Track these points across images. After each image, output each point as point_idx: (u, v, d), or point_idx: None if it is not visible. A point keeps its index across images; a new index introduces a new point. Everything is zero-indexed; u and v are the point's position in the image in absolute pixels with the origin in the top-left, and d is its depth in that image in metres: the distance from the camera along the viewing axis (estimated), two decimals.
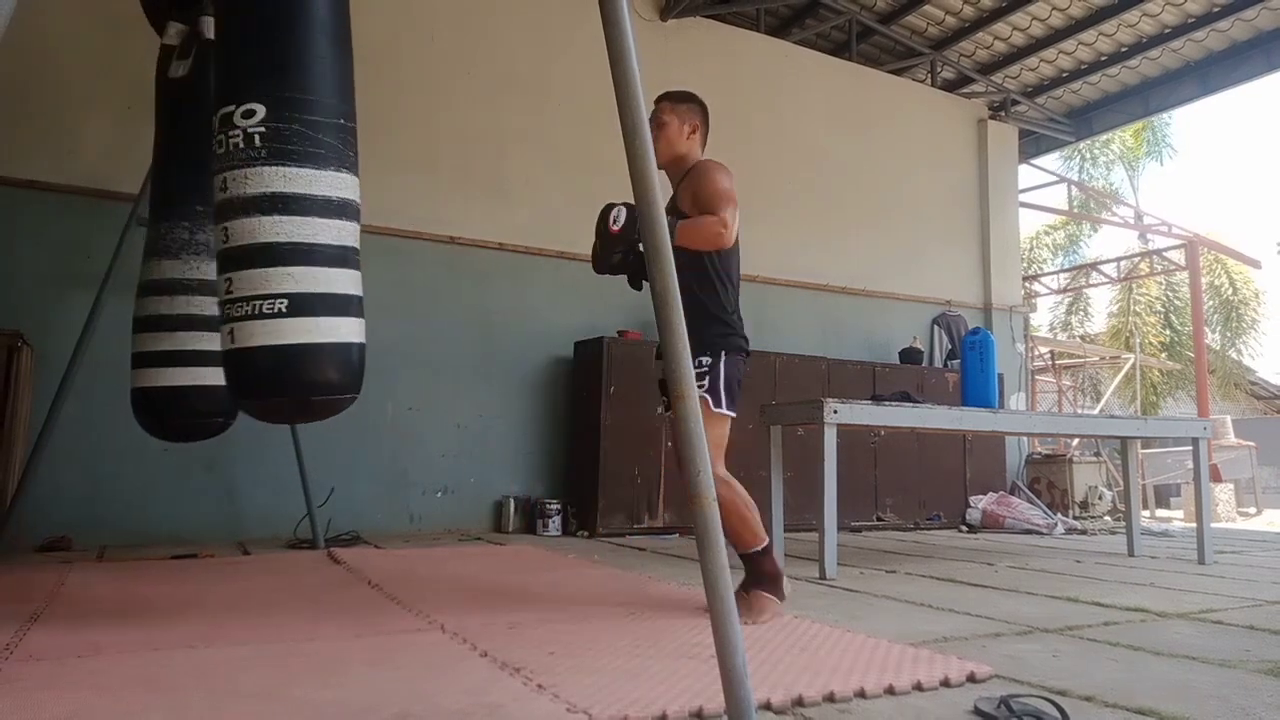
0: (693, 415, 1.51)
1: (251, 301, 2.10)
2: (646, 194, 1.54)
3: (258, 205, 2.12)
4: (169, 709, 1.59)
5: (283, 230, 2.12)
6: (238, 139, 2.13)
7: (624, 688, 1.73)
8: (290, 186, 2.12)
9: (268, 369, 2.14)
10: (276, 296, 2.10)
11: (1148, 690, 1.83)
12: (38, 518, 4.07)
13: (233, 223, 2.14)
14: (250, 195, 2.12)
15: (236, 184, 2.13)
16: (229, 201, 2.15)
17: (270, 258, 2.10)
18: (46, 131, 4.54)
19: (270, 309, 2.09)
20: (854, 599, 3.03)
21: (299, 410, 2.43)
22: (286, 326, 2.12)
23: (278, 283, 2.10)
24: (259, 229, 2.11)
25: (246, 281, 2.11)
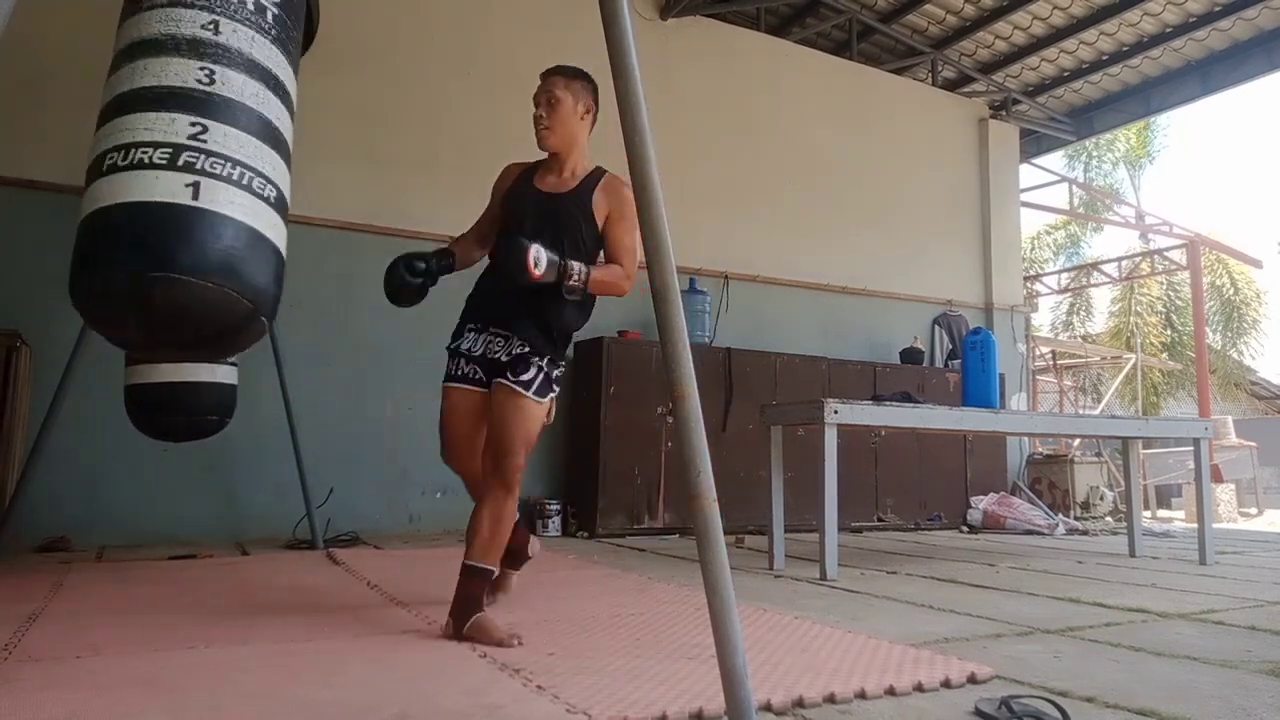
0: (693, 415, 1.50)
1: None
2: (647, 192, 1.53)
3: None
4: (169, 709, 1.59)
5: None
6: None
7: (624, 688, 1.73)
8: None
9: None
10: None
11: (1149, 691, 1.82)
12: (37, 518, 4.07)
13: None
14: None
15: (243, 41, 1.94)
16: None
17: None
18: (46, 131, 4.54)
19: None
20: (854, 600, 3.02)
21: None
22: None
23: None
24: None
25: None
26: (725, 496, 1.70)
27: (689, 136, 6.47)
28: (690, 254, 6.14)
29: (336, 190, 5.22)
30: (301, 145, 5.61)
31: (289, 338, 4.50)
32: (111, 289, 1.69)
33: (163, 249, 1.66)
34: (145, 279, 1.66)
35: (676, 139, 6.18)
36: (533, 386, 2.35)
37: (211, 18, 1.89)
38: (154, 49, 1.81)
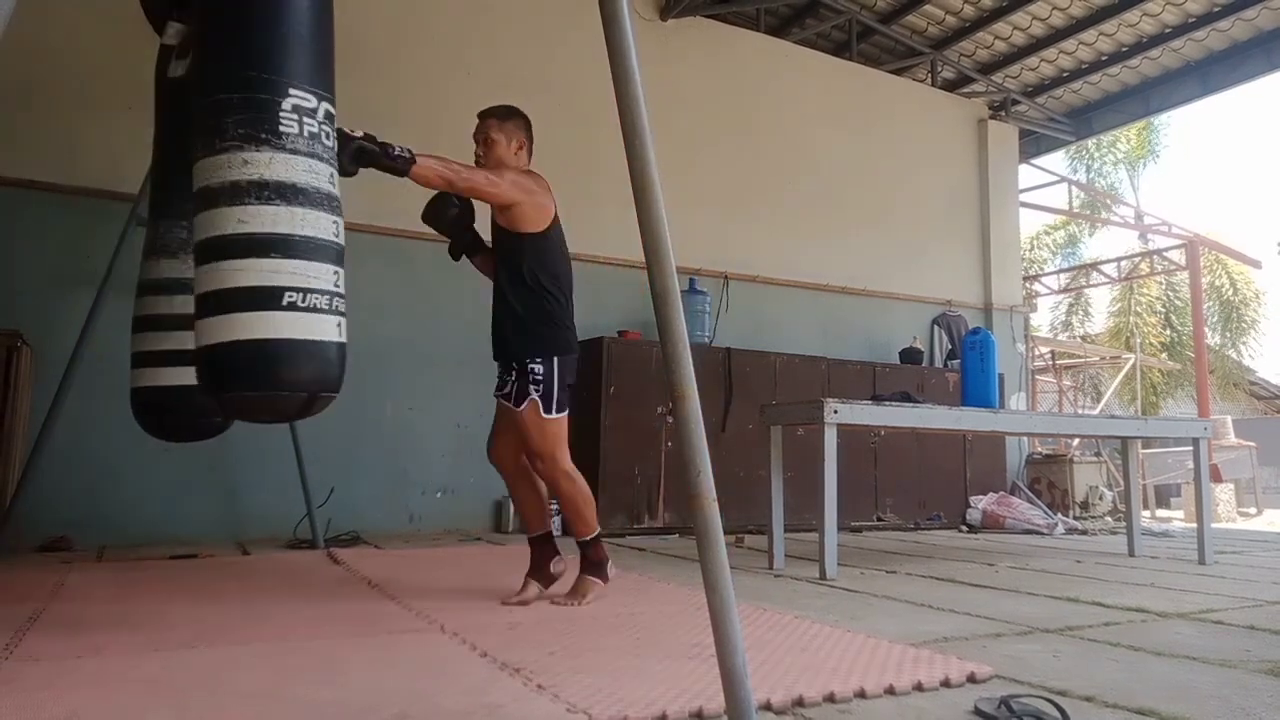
0: (693, 415, 1.50)
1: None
2: (647, 193, 1.54)
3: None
4: (169, 709, 1.59)
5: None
6: (313, 129, 2.22)
7: (624, 688, 1.73)
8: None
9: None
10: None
11: (1148, 690, 1.82)
12: (38, 518, 4.07)
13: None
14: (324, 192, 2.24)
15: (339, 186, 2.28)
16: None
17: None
18: (46, 131, 4.54)
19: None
20: (854, 599, 3.02)
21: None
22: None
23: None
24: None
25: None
26: (725, 496, 1.70)
27: (689, 136, 6.47)
28: (690, 254, 6.14)
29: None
30: None
31: None
32: (284, 408, 2.29)
33: (329, 375, 2.22)
34: (317, 398, 2.23)
35: (676, 139, 6.18)
36: (511, 399, 2.79)
37: (330, 170, 2.27)
38: (307, 200, 2.18)
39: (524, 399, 2.76)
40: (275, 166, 2.12)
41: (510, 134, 2.87)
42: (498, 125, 2.87)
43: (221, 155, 2.12)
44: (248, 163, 2.11)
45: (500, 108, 2.92)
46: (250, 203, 2.10)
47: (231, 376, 2.11)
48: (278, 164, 2.12)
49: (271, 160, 2.12)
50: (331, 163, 2.26)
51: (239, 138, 2.12)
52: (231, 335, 2.08)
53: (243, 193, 2.11)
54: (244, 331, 2.07)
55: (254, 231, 2.10)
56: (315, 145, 2.21)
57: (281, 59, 2.24)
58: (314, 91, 2.27)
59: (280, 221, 2.11)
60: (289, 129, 2.15)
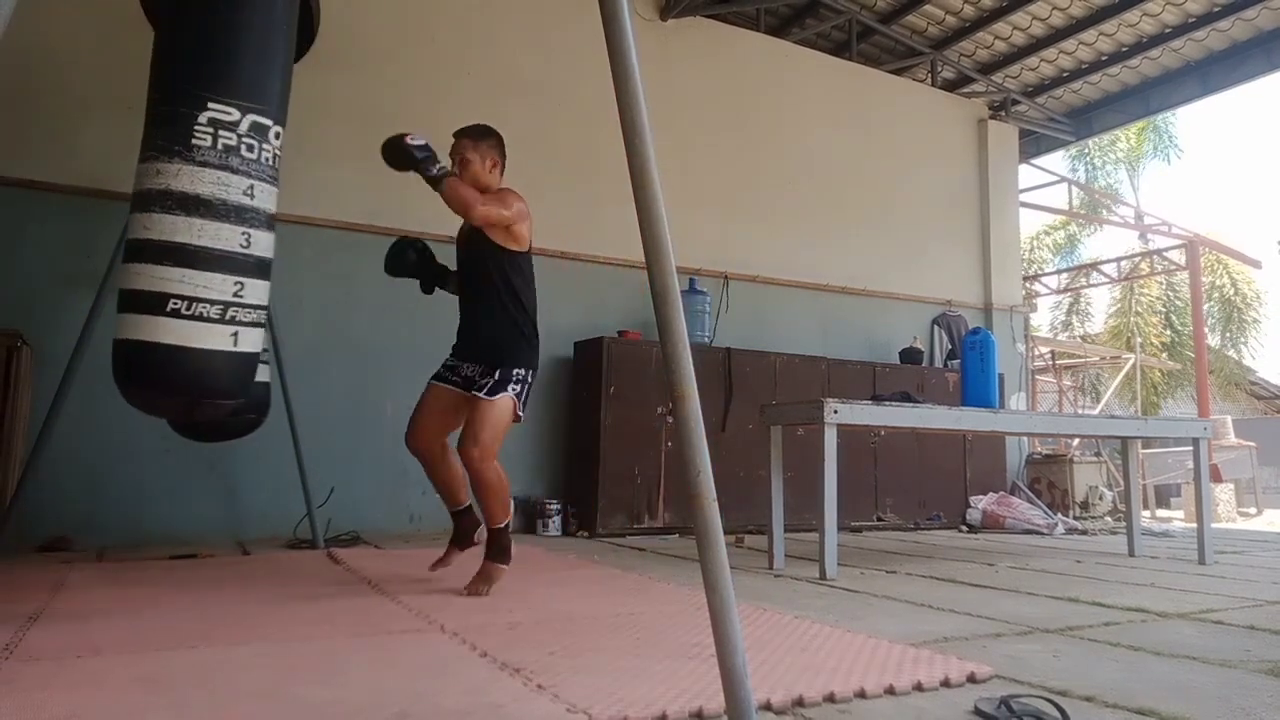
0: (693, 415, 1.50)
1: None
2: (647, 192, 1.54)
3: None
4: (169, 709, 1.59)
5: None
6: (269, 156, 2.41)
7: (624, 688, 1.73)
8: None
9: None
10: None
11: (1148, 690, 1.82)
12: (38, 518, 4.07)
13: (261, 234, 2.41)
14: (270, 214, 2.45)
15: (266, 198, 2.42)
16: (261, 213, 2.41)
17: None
18: (46, 131, 4.54)
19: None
20: (854, 599, 3.02)
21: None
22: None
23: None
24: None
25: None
26: (725, 496, 1.70)
27: (689, 136, 6.47)
28: (690, 254, 6.15)
29: (337, 190, 5.22)
30: (302, 146, 5.62)
31: (289, 338, 4.50)
32: (168, 408, 2.50)
33: (212, 382, 2.34)
34: (197, 404, 2.39)
35: (676, 139, 6.19)
36: (485, 389, 2.93)
37: (249, 183, 2.35)
38: (208, 211, 2.27)
39: (498, 393, 2.92)
40: (181, 178, 2.24)
41: (484, 153, 3.01)
42: (472, 145, 3.00)
43: (144, 164, 2.28)
44: (160, 173, 2.24)
45: (474, 128, 3.05)
46: (155, 211, 2.23)
47: (123, 372, 2.30)
48: (184, 176, 2.24)
49: (179, 172, 2.24)
50: (252, 175, 2.35)
51: (157, 148, 2.26)
52: (126, 334, 2.26)
53: (151, 201, 2.24)
54: (134, 332, 2.24)
55: (153, 239, 2.23)
56: (230, 158, 2.29)
57: (205, 71, 2.34)
58: (239, 105, 2.35)
59: (178, 231, 2.23)
60: (201, 142, 2.25)
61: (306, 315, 4.99)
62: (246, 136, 2.33)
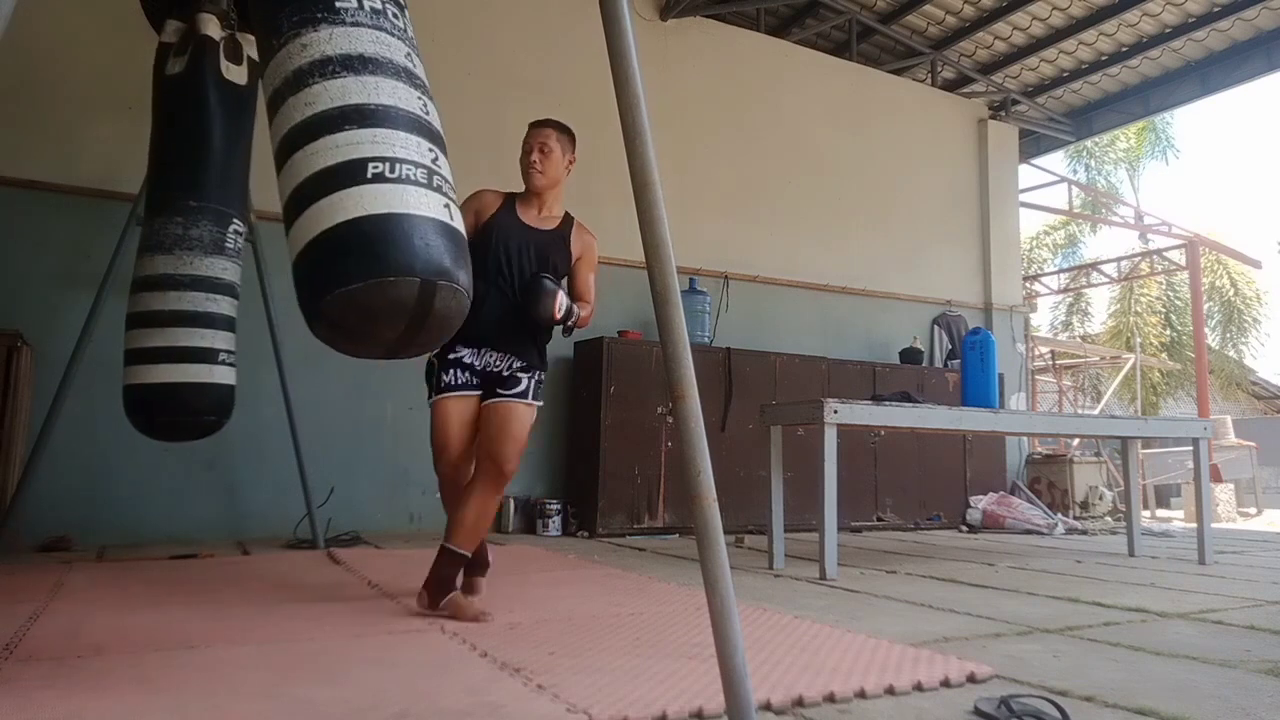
0: (693, 415, 1.50)
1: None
2: (647, 192, 1.54)
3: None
4: (169, 709, 1.59)
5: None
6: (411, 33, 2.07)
7: (624, 688, 1.73)
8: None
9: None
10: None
11: (1148, 690, 1.82)
12: (37, 518, 4.07)
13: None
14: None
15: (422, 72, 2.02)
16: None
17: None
18: (46, 131, 4.54)
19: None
20: (854, 599, 3.02)
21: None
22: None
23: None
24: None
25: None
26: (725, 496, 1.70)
27: (689, 137, 6.47)
28: (690, 254, 6.15)
29: None
30: None
31: (289, 337, 4.50)
32: (400, 297, 1.70)
33: (446, 261, 1.75)
34: (436, 287, 1.72)
35: (676, 139, 6.19)
36: (528, 395, 2.70)
37: (407, 50, 2.01)
38: (379, 69, 1.88)
39: (540, 399, 2.76)
40: (336, 40, 1.85)
41: (565, 147, 2.88)
42: (557, 136, 2.85)
43: (284, 48, 1.85)
44: (306, 46, 1.84)
45: (559, 121, 2.92)
46: (315, 83, 1.81)
47: (324, 276, 1.71)
48: (339, 38, 1.85)
49: (331, 36, 1.85)
50: (405, 43, 1.99)
51: (291, 24, 1.86)
52: (316, 229, 1.72)
53: (306, 76, 1.82)
54: (332, 215, 1.71)
55: (322, 110, 1.79)
56: (381, 20, 1.94)
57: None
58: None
59: (350, 93, 1.81)
60: (345, 4, 1.89)
61: None
62: (389, 3, 2.01)
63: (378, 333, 1.82)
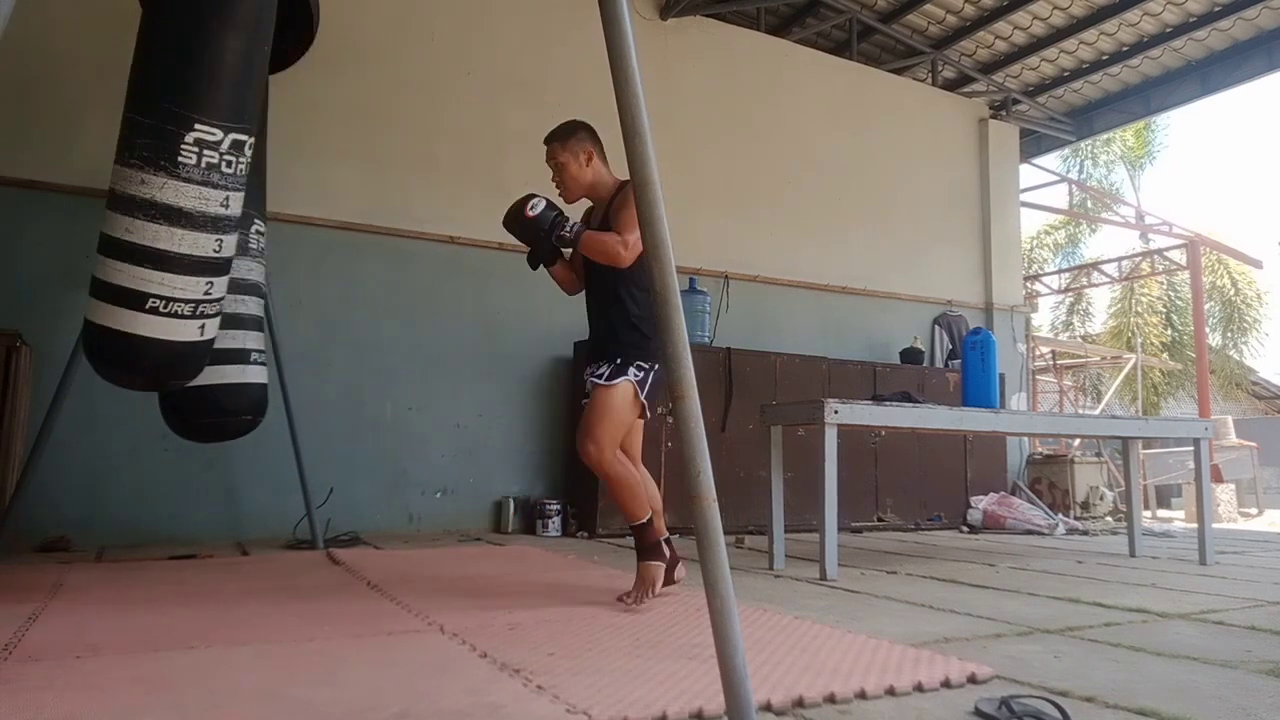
0: (693, 415, 1.50)
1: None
2: (647, 192, 1.53)
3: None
4: (169, 709, 1.59)
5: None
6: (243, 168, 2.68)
7: (624, 688, 1.73)
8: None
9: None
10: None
11: (1149, 691, 1.82)
12: (37, 518, 4.07)
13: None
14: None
15: (237, 204, 2.70)
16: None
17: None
18: (46, 131, 4.54)
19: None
20: (855, 600, 3.02)
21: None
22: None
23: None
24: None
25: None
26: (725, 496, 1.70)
27: (689, 137, 6.47)
28: (690, 254, 6.15)
29: (336, 190, 5.22)
30: (302, 145, 5.61)
31: (289, 338, 4.50)
32: (137, 386, 2.85)
33: (182, 369, 2.77)
34: (163, 385, 2.91)
35: (676, 139, 6.18)
36: (602, 376, 2.84)
37: (225, 195, 2.59)
38: (188, 223, 2.53)
39: (617, 379, 2.85)
40: (166, 191, 2.46)
41: (575, 151, 2.88)
42: (560, 148, 2.88)
43: (128, 169, 2.47)
44: (144, 182, 2.45)
45: (559, 128, 2.92)
46: (139, 218, 2.47)
47: (97, 354, 2.62)
48: (169, 190, 2.46)
49: (164, 185, 2.46)
50: (229, 187, 2.58)
51: (142, 159, 2.45)
52: (104, 321, 2.55)
53: (135, 207, 2.47)
54: (114, 321, 2.54)
55: (136, 242, 2.48)
56: (211, 174, 2.53)
57: (192, 92, 2.49)
58: (221, 125, 2.54)
59: (160, 239, 2.49)
60: (186, 160, 2.47)
61: (306, 315, 4.99)
62: (227, 154, 2.54)
63: (129, 388, 2.87)
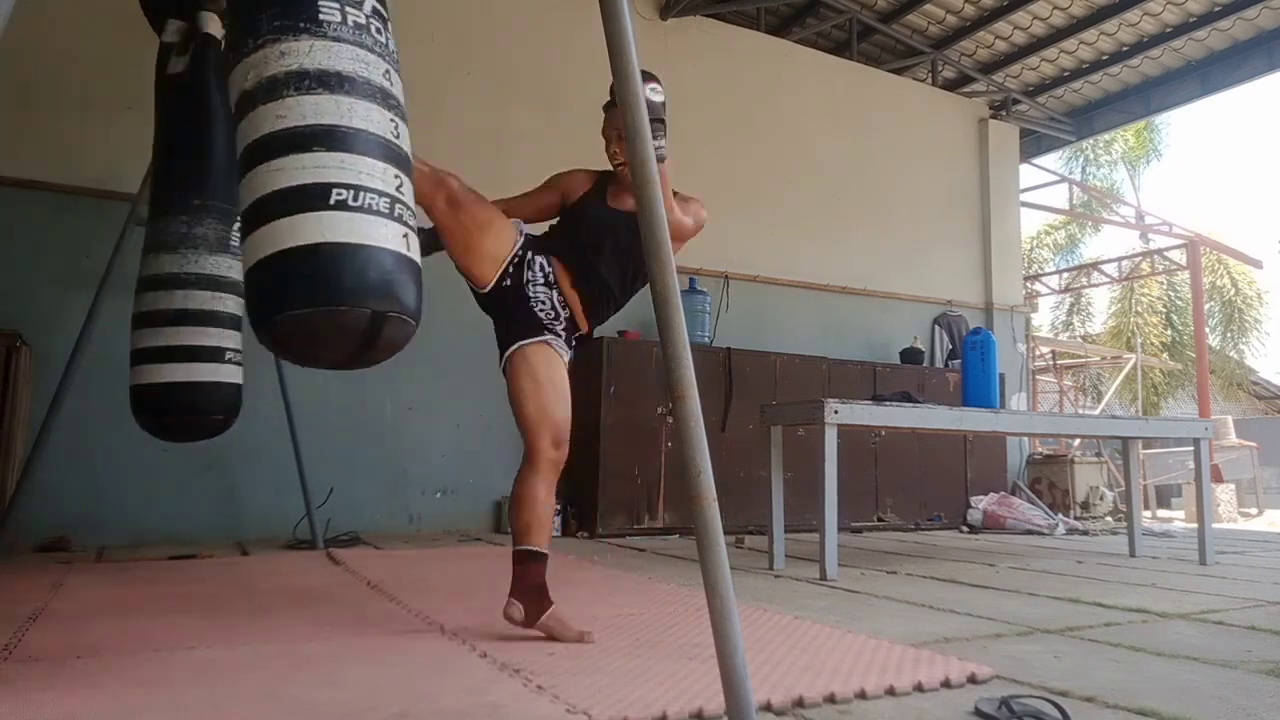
0: (693, 415, 1.50)
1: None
2: (649, 194, 1.53)
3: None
4: (169, 709, 1.59)
5: None
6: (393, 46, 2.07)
7: (624, 688, 1.73)
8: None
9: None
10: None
11: (1149, 691, 1.82)
12: (37, 518, 4.07)
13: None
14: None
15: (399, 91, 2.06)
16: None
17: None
18: (46, 131, 4.54)
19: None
20: (855, 600, 3.02)
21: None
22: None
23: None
24: None
25: None
26: (725, 496, 1.70)
27: (689, 137, 6.44)
28: (690, 254, 6.11)
29: None
30: None
31: None
32: (350, 325, 1.78)
33: (399, 292, 1.82)
34: (386, 318, 1.80)
35: (676, 139, 6.12)
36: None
37: (386, 67, 1.99)
38: (355, 89, 1.87)
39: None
40: (315, 54, 1.84)
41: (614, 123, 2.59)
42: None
43: (260, 51, 1.83)
44: (284, 54, 1.82)
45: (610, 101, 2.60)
46: (289, 95, 1.80)
47: (279, 295, 1.76)
48: (318, 51, 1.84)
49: (312, 48, 1.84)
50: (386, 60, 1.98)
51: (273, 30, 1.84)
52: (295, 240, 1.73)
53: (280, 86, 1.81)
54: (299, 236, 1.73)
55: (295, 125, 1.80)
56: (363, 36, 1.94)
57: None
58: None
59: (324, 112, 1.81)
60: (329, 17, 1.88)
61: None
62: (372, 18, 2.00)
63: (323, 354, 1.94)
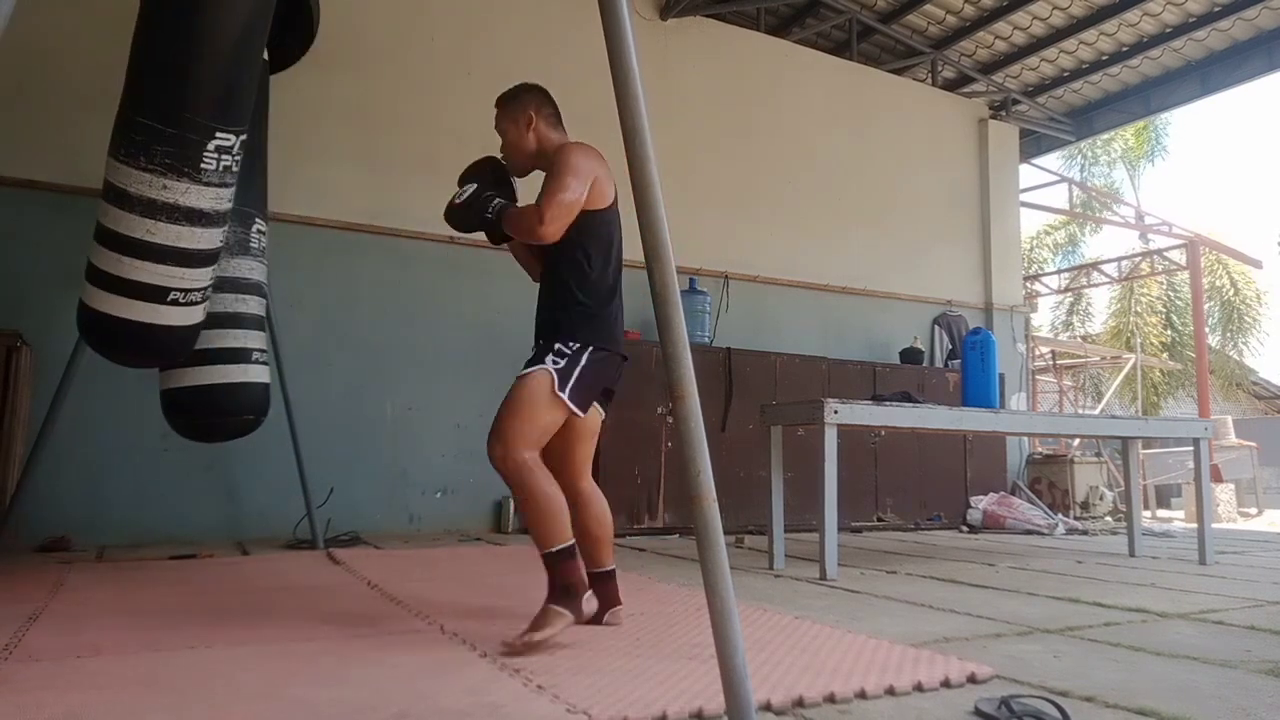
0: (693, 415, 1.50)
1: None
2: (647, 192, 1.53)
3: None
4: (169, 709, 1.59)
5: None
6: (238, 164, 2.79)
7: (624, 688, 1.73)
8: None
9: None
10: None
11: (1148, 690, 1.82)
12: (37, 518, 4.07)
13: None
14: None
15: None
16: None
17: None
18: (46, 131, 4.54)
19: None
20: (855, 599, 3.02)
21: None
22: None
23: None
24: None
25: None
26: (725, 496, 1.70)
27: (689, 136, 6.46)
28: (690, 254, 6.15)
29: (337, 190, 5.22)
30: (302, 146, 5.62)
31: (289, 338, 4.50)
32: (148, 366, 3.25)
33: (186, 352, 3.04)
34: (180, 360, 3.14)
35: (676, 139, 6.18)
36: (523, 366, 2.38)
37: (231, 191, 2.79)
38: (207, 221, 2.69)
39: (531, 367, 2.34)
40: (189, 196, 2.58)
41: (515, 118, 2.63)
42: (502, 114, 2.66)
43: (143, 173, 2.55)
44: (166, 188, 2.56)
45: (504, 93, 2.75)
46: (161, 220, 2.58)
47: (119, 344, 2.78)
48: (192, 194, 2.58)
49: (187, 190, 2.58)
50: (233, 184, 2.73)
51: (164, 166, 2.54)
52: (128, 314, 2.68)
53: (158, 210, 2.57)
54: (139, 314, 2.68)
55: (159, 243, 2.59)
56: (225, 176, 2.66)
57: (213, 102, 2.56)
58: (236, 130, 2.63)
59: (182, 239, 2.62)
60: (208, 166, 2.59)
61: (306, 315, 4.99)
62: (237, 154, 2.65)
63: (131, 365, 3.07)
